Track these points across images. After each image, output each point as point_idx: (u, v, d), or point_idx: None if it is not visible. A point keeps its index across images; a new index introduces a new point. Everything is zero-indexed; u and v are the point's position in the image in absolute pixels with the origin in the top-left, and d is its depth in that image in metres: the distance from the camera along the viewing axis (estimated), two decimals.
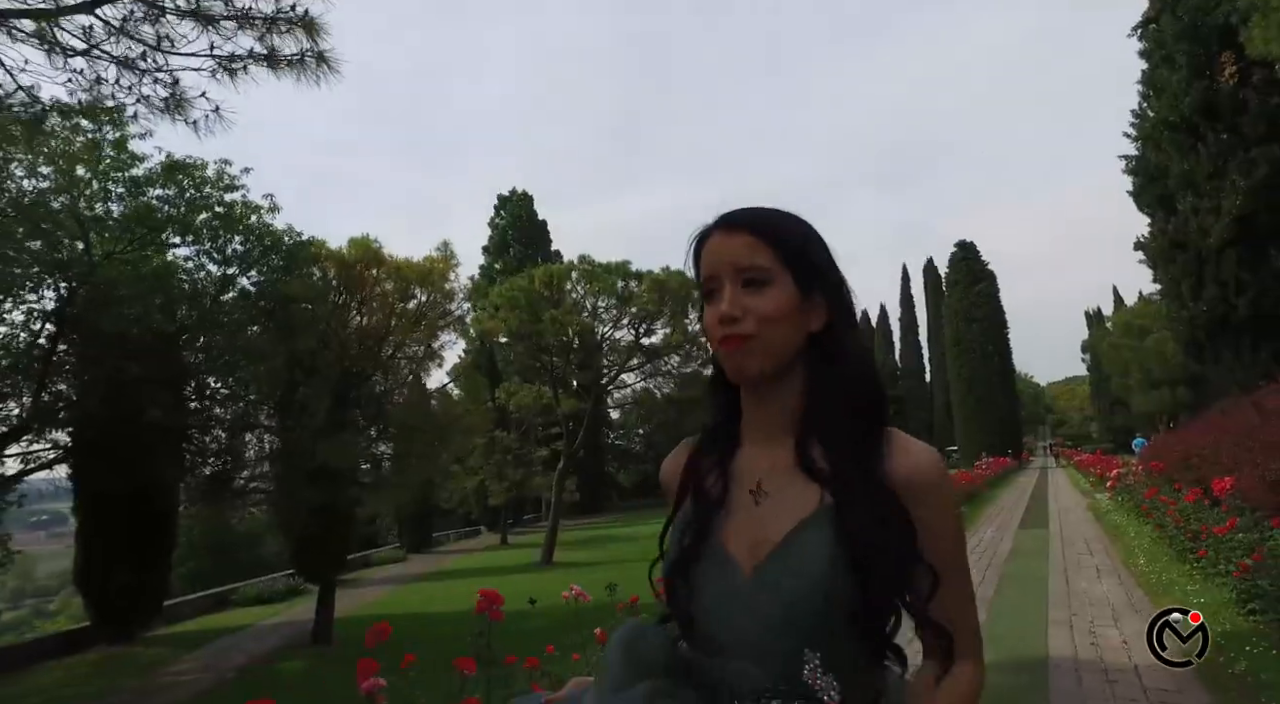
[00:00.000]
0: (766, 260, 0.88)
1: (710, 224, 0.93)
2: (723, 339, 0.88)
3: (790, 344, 0.89)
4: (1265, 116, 11.97)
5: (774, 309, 0.87)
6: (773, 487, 0.90)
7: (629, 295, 21.10)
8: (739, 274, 0.88)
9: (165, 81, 3.28)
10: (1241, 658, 4.07)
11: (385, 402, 13.43)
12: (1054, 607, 6.11)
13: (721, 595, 0.86)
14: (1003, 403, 40.27)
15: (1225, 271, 12.46)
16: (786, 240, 0.90)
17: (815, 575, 0.80)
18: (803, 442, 0.89)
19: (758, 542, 0.86)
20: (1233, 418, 7.96)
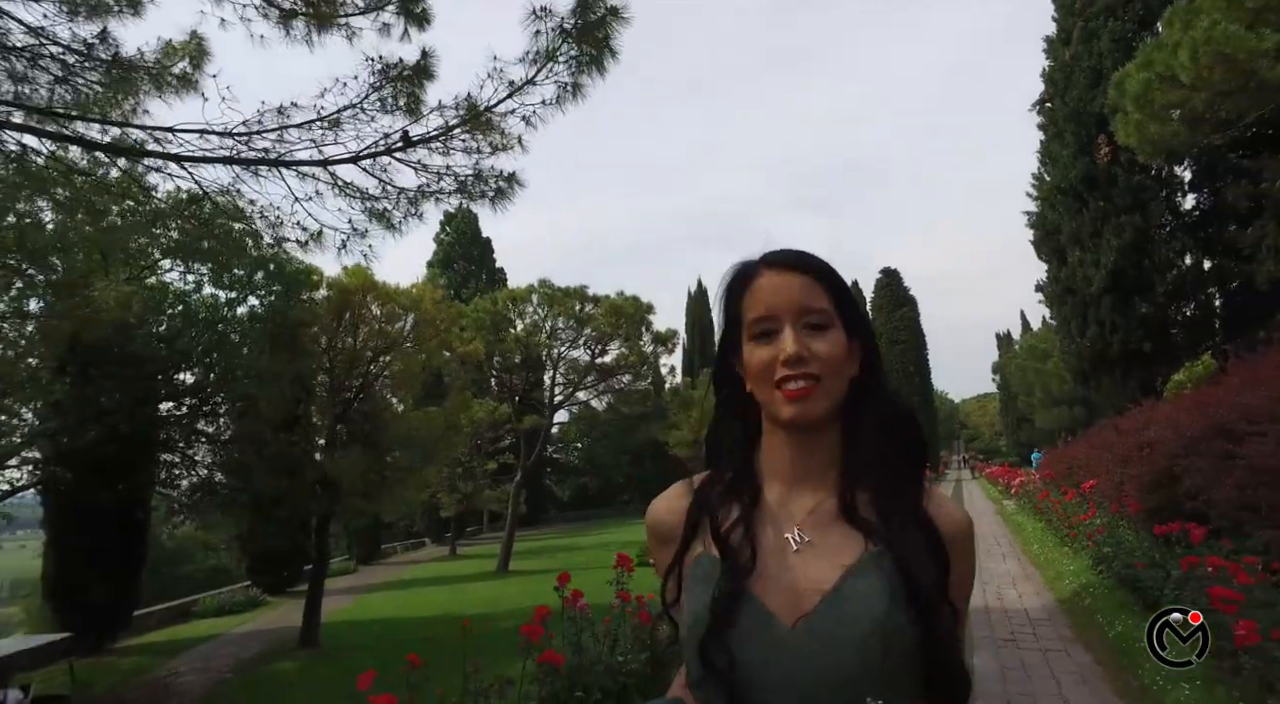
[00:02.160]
0: (828, 305, 0.86)
1: (754, 262, 0.90)
2: (783, 379, 0.84)
3: (843, 389, 0.87)
4: (1130, 191, 14.69)
5: (836, 352, 0.85)
6: (813, 533, 0.85)
7: (586, 317, 22.63)
8: (800, 316, 0.86)
9: (385, 208, 4.71)
10: (1086, 595, 6.02)
11: (379, 418, 14.44)
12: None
13: (766, 653, 0.80)
14: (923, 420, 43.22)
15: (1103, 314, 15.00)
16: (840, 285, 0.89)
17: (874, 620, 0.77)
18: (846, 488, 0.86)
19: (801, 591, 0.81)
20: (1100, 436, 10.13)
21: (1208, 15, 10.47)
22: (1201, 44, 10.40)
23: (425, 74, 5.02)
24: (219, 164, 4.53)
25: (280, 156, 4.57)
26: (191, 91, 4.66)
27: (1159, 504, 5.48)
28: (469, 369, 23.23)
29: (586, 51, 4.55)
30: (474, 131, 4.45)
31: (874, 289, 47.43)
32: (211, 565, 36.52)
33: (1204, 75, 10.49)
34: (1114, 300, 14.74)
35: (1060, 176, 15.50)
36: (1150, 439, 6.27)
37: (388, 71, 4.95)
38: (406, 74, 4.98)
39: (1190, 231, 14.92)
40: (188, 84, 5.19)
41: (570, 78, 4.52)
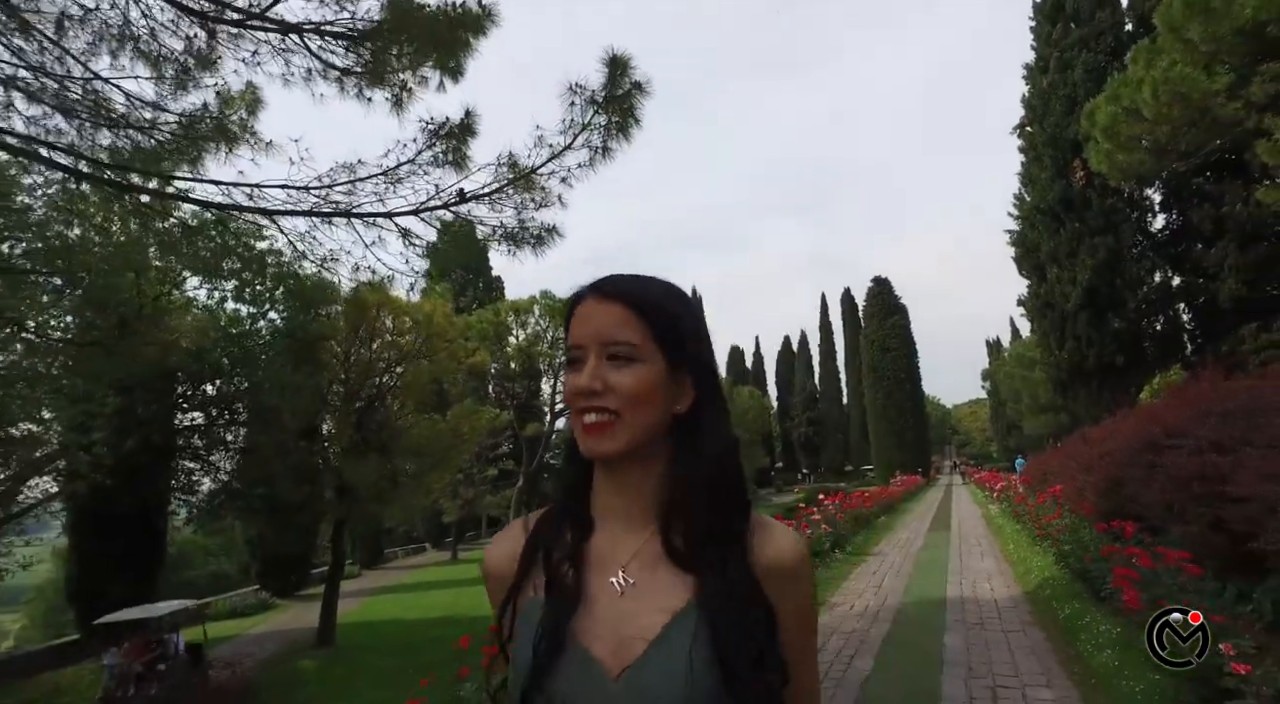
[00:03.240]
0: (636, 336, 0.81)
1: (584, 288, 0.86)
2: (580, 411, 0.82)
3: (653, 425, 0.82)
4: (1103, 213, 15.60)
5: (638, 387, 0.80)
6: (638, 575, 0.82)
7: None
8: (604, 347, 0.82)
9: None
10: (1047, 586, 6.83)
11: (392, 427, 15.14)
12: (950, 574, 8.86)
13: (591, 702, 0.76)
14: (913, 425, 44.15)
15: (1079, 329, 15.86)
16: (658, 316, 0.83)
17: (679, 678, 0.74)
18: (667, 528, 0.82)
19: (625, 639, 0.78)
20: (1072, 445, 10.96)
21: (1167, 55, 11.38)
22: (1161, 83, 11.30)
23: (469, 131, 5.81)
24: (300, 216, 5.29)
25: (351, 209, 5.34)
26: (272, 152, 5.41)
27: (1110, 507, 6.26)
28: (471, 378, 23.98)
29: (614, 120, 5.35)
30: (520, 190, 5.23)
31: (865, 297, 48.38)
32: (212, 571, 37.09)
33: (1164, 111, 11.39)
34: (1089, 316, 15.62)
35: (1039, 197, 16.40)
36: (1107, 449, 7.08)
37: (438, 130, 5.73)
38: (453, 132, 5.76)
39: (1159, 250, 15.83)
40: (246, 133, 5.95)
41: (601, 142, 5.30)
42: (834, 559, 10.77)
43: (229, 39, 4.70)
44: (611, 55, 5.26)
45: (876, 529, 15.48)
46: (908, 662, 5.12)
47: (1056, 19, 16.81)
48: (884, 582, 8.60)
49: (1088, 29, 16.21)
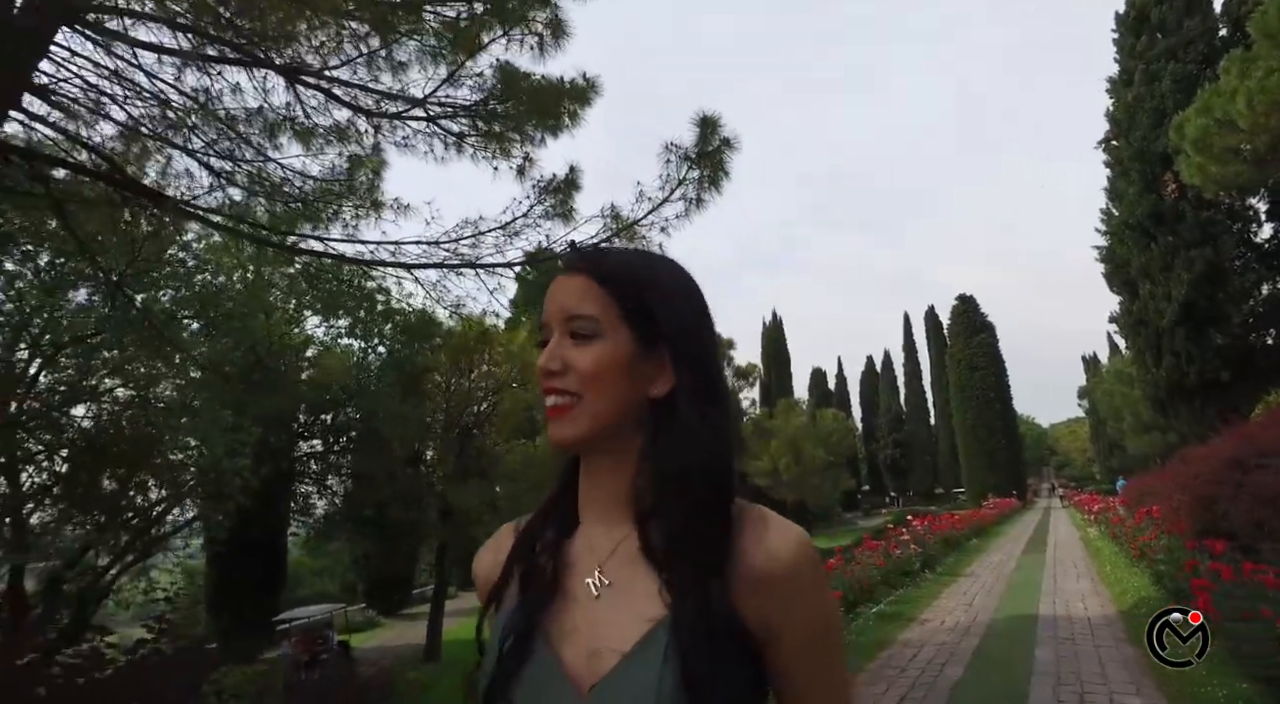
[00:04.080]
0: (598, 309, 0.75)
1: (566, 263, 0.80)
2: (544, 394, 0.77)
3: (618, 409, 0.75)
4: (1199, 225, 15.09)
5: (595, 366, 0.74)
6: (616, 576, 0.75)
7: None
8: (566, 323, 0.76)
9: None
10: (1143, 606, 6.90)
11: (490, 453, 16.05)
12: (1044, 593, 8.93)
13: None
14: (1005, 446, 42.73)
15: (1177, 345, 15.33)
16: (624, 287, 0.76)
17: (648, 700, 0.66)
18: (643, 525, 0.74)
19: (596, 650, 0.71)
20: (1172, 465, 10.78)
21: (1263, 63, 11.20)
22: (1257, 93, 11.13)
23: (574, 186, 6.51)
24: (433, 268, 6.08)
25: (476, 260, 6.11)
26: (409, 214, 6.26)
27: (1203, 526, 6.31)
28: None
29: (706, 174, 5.95)
30: (624, 240, 5.88)
31: (950, 315, 47.37)
32: (317, 590, 39.26)
33: (1260, 121, 11.20)
34: (1188, 331, 15.09)
35: (1128, 213, 16.02)
36: (1199, 469, 7.11)
37: (546, 186, 6.46)
38: (560, 187, 6.48)
39: (1266, 261, 15.21)
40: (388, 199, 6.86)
41: (695, 194, 5.91)
42: (924, 579, 10.90)
43: (387, 127, 5.55)
44: (702, 116, 5.88)
45: (968, 551, 15.34)
46: (997, 670, 5.39)
47: (1140, 31, 16.53)
48: (975, 600, 8.74)
49: (1175, 38, 15.88)
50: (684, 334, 0.77)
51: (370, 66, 5.90)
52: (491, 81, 6.08)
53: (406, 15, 5.61)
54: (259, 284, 13.58)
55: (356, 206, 6.47)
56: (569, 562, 0.78)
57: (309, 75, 6.03)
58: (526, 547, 0.81)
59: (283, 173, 6.55)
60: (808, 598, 0.71)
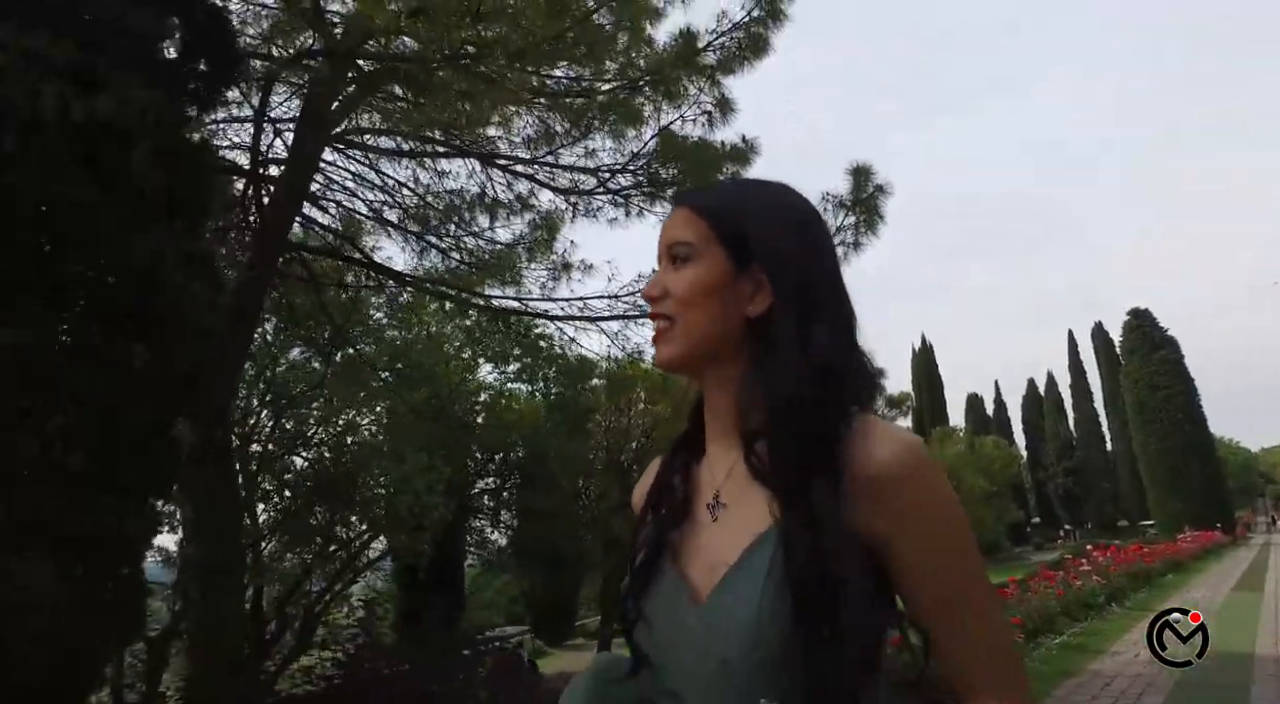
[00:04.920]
0: (693, 234, 0.78)
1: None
2: (651, 318, 0.81)
3: (716, 329, 0.77)
4: None
5: (689, 287, 0.77)
6: (731, 497, 0.77)
7: None
8: (668, 251, 0.80)
9: None
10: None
11: None
12: (1262, 633, 8.35)
13: (673, 630, 0.74)
14: (1200, 472, 38.53)
15: None
16: (719, 211, 0.79)
17: (750, 607, 0.68)
18: (749, 445, 0.75)
19: (714, 564, 0.74)
20: None
21: None
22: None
23: None
24: (616, 320, 6.85)
25: None
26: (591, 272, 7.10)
27: None
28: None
29: (861, 219, 6.35)
30: None
31: (1122, 331, 43.70)
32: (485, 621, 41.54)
33: None
34: None
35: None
36: None
37: None
38: None
39: None
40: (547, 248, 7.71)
41: (853, 239, 6.31)
42: (1110, 613, 10.32)
43: (574, 199, 6.41)
44: (855, 166, 6.32)
45: (1162, 587, 14.15)
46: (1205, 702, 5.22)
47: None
48: None
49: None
50: (779, 250, 0.77)
51: (549, 144, 6.84)
52: (653, 148, 6.83)
53: (586, 104, 6.47)
54: (439, 337, 15.19)
55: (550, 268, 7.37)
56: (697, 486, 0.82)
57: (500, 158, 7.05)
58: (665, 476, 0.86)
59: (478, 242, 7.62)
60: (920, 503, 0.70)
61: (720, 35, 5.87)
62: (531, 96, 5.88)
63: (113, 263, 2.66)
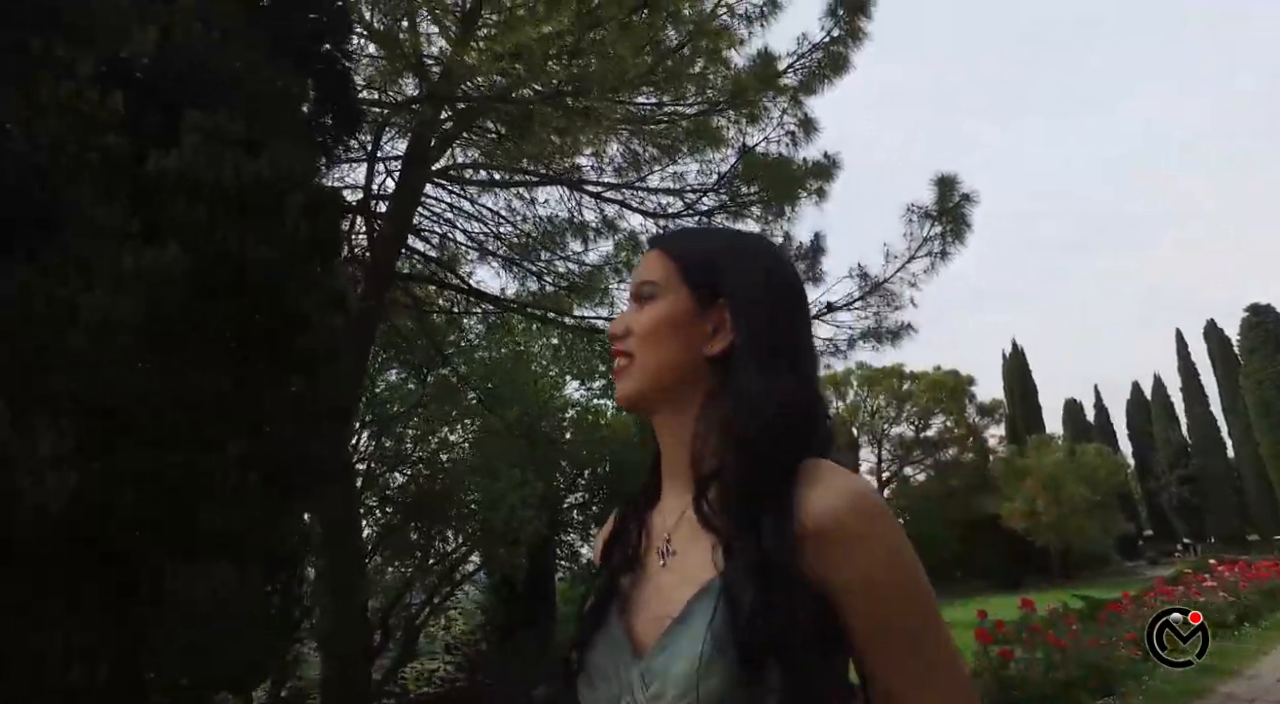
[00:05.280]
0: (659, 273, 0.79)
1: None
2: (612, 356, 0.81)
3: (671, 366, 0.76)
4: None
5: (649, 323, 0.77)
6: (681, 544, 0.74)
7: (906, 395, 23.46)
8: (638, 291, 0.80)
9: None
10: None
11: None
12: None
13: (615, 684, 0.71)
14: None
15: None
16: (686, 250, 0.81)
17: (693, 661, 0.64)
18: (699, 491, 0.72)
19: (659, 615, 0.71)
20: None
21: None
22: None
23: (820, 251, 7.18)
24: None
25: None
26: None
27: None
28: None
29: (949, 228, 6.34)
30: (876, 297, 6.42)
31: (1240, 330, 40.87)
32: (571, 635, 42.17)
33: None
34: None
35: None
36: None
37: (795, 254, 7.18)
38: (807, 253, 7.17)
39: None
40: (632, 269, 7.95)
41: (940, 248, 6.31)
42: (1243, 633, 9.70)
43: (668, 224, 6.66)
44: (940, 176, 6.33)
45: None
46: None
47: None
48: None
49: None
50: (744, 289, 0.77)
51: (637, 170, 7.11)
52: (736, 168, 7.00)
53: (670, 129, 6.72)
54: (528, 356, 15.74)
55: None
56: (651, 533, 0.79)
57: (589, 184, 7.37)
58: (621, 523, 0.83)
59: (568, 264, 7.96)
60: (868, 553, 0.66)
61: (801, 57, 6.02)
62: (621, 125, 6.18)
63: (273, 305, 3.02)
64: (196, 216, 2.68)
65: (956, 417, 22.52)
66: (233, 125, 2.93)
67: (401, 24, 6.31)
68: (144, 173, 2.66)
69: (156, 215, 2.64)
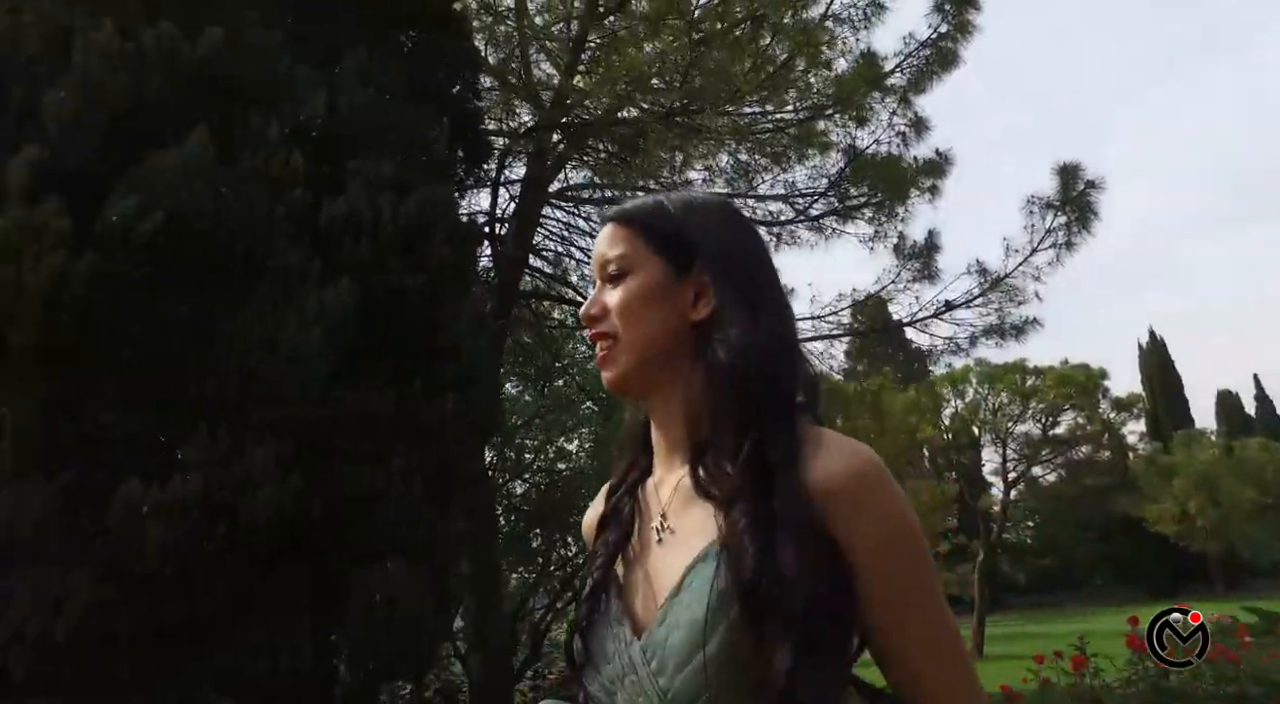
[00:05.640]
0: (628, 248, 0.76)
1: None
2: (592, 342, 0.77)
3: (656, 339, 0.74)
4: None
5: (628, 300, 0.74)
6: (676, 519, 0.72)
7: (1030, 391, 22.21)
8: (603, 271, 0.78)
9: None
10: None
11: None
12: None
13: (619, 666, 0.69)
14: None
15: None
16: (650, 219, 0.78)
17: (696, 631, 0.62)
18: (696, 458, 0.70)
19: (657, 591, 0.69)
20: None
21: None
22: None
23: (934, 249, 7.04)
24: (821, 340, 7.08)
25: (856, 328, 6.95)
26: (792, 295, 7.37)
27: None
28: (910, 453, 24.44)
29: (1073, 217, 6.10)
30: (997, 293, 6.26)
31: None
32: None
33: None
34: None
35: None
36: None
37: (910, 253, 7.08)
38: (920, 252, 7.05)
39: None
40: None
41: (1065, 239, 6.08)
42: None
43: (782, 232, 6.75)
44: (1062, 165, 6.13)
45: None
46: None
47: None
48: None
49: None
50: (721, 250, 0.75)
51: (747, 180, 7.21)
52: (843, 169, 6.99)
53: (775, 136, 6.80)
54: None
55: None
56: (646, 511, 0.77)
57: None
58: (612, 502, 0.81)
59: None
60: (873, 515, 0.64)
61: (908, 56, 5.97)
62: (728, 136, 6.32)
63: (427, 331, 3.35)
64: (362, 254, 3.03)
65: (1089, 412, 21.09)
66: (386, 170, 3.28)
67: (515, 57, 6.71)
68: (319, 219, 3.04)
69: (331, 256, 3.02)
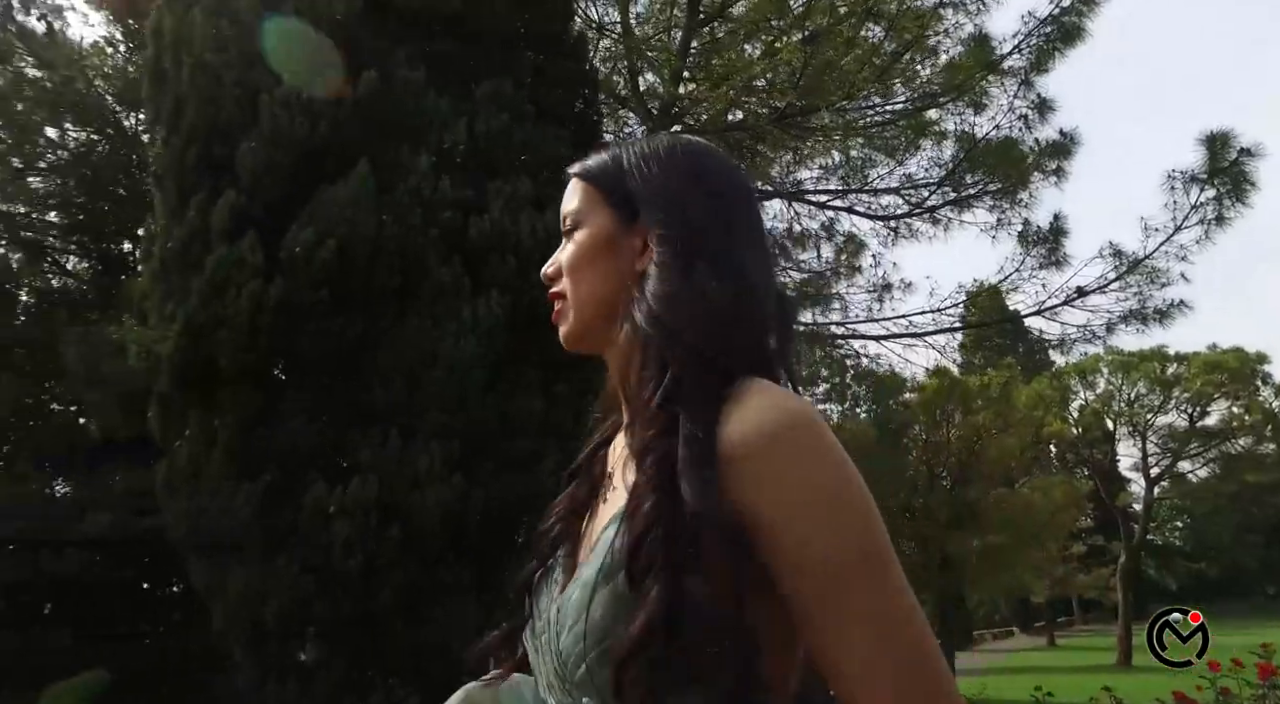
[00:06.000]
0: (580, 201, 0.72)
1: None
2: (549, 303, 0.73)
3: (604, 292, 0.69)
4: None
5: (573, 254, 0.71)
6: (621, 478, 0.67)
7: (1172, 379, 20.57)
8: (563, 228, 0.74)
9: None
10: None
11: (981, 501, 15.82)
12: None
13: (543, 623, 0.66)
14: None
15: None
16: (603, 171, 0.73)
17: (584, 594, 0.59)
18: (632, 416, 0.67)
19: (585, 549, 0.66)
20: None
21: None
22: None
23: (1060, 234, 6.72)
24: (943, 333, 6.89)
25: (982, 319, 6.73)
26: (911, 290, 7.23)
27: None
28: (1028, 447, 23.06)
29: (1224, 190, 5.68)
30: (1136, 276, 5.91)
31: None
32: None
33: None
34: None
35: None
36: None
37: (1033, 239, 6.79)
38: (1045, 237, 6.75)
39: None
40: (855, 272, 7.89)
41: (1215, 214, 5.68)
42: None
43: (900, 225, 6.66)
44: (1209, 134, 5.71)
45: None
46: None
47: None
48: None
49: None
50: (661, 194, 0.69)
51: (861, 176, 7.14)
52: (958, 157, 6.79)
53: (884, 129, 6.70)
54: None
55: (870, 290, 7.66)
56: (605, 469, 0.73)
57: (808, 193, 7.50)
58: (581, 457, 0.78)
59: (790, 273, 8.12)
60: (778, 479, 0.55)
61: (1027, 35, 5.74)
62: (836, 132, 6.28)
63: None
64: (507, 268, 3.27)
65: (1247, 401, 19.31)
66: (524, 188, 3.51)
67: (620, 70, 6.92)
68: (468, 237, 3.30)
69: (479, 271, 3.27)
